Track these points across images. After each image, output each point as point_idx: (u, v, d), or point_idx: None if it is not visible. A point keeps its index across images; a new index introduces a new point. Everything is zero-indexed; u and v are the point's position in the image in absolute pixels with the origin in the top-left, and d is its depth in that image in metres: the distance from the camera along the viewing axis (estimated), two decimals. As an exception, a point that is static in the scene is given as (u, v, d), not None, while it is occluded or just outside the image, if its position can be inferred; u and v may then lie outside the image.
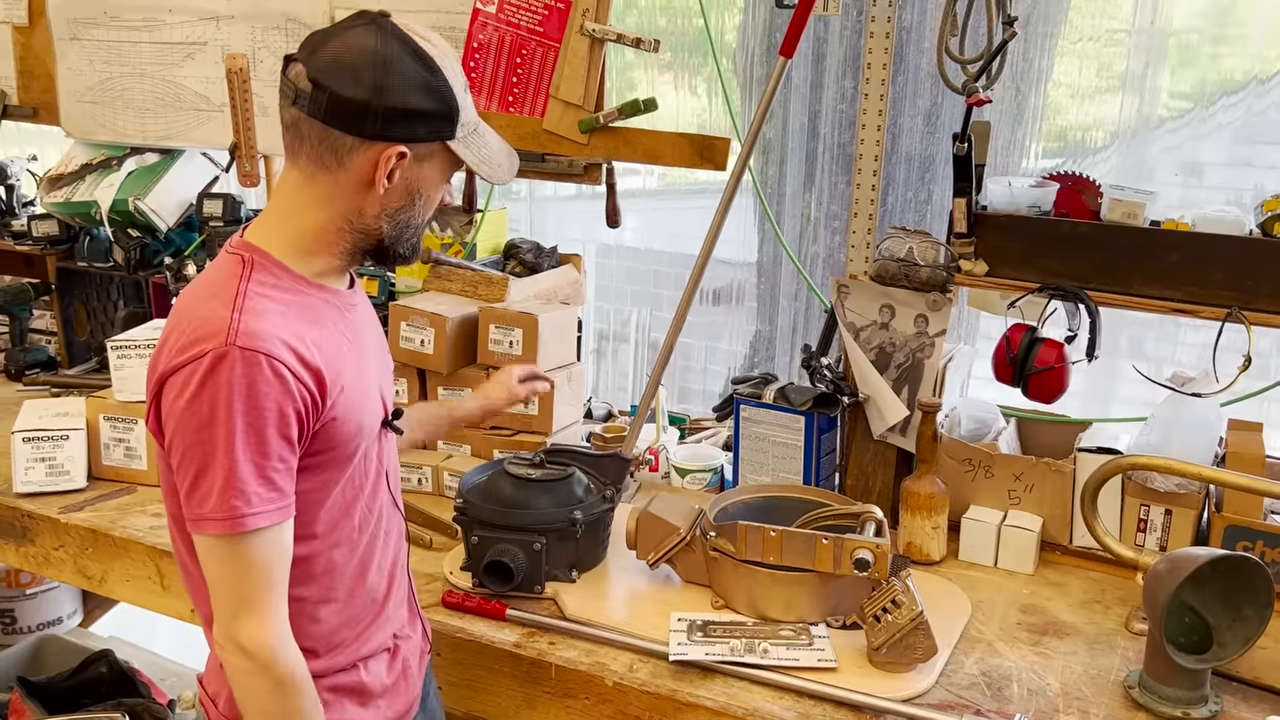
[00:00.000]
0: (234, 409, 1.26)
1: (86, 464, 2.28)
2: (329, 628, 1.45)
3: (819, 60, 2.61)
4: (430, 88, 1.33)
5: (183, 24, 2.70)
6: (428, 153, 1.38)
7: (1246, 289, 1.88)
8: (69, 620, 3.38)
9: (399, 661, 1.55)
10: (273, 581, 1.32)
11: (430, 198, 1.42)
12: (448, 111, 1.36)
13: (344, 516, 1.44)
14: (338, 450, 1.38)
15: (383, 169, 1.34)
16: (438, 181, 1.42)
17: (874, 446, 2.19)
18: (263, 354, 1.27)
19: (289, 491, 1.32)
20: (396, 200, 1.39)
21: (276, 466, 1.29)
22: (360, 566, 1.47)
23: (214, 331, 1.28)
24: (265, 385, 1.27)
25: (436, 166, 1.40)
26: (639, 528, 1.88)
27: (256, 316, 1.29)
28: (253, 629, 1.31)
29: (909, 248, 2.09)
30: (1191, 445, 1.94)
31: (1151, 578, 1.60)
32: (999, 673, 1.69)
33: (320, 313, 1.39)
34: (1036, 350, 1.99)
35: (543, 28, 2.30)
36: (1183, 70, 2.35)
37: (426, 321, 2.26)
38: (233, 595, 1.31)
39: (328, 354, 1.35)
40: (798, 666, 1.66)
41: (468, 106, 1.39)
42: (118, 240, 2.81)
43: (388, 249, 1.42)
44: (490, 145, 1.44)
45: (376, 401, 1.47)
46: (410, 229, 1.42)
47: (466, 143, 1.40)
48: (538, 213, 3.27)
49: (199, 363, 1.27)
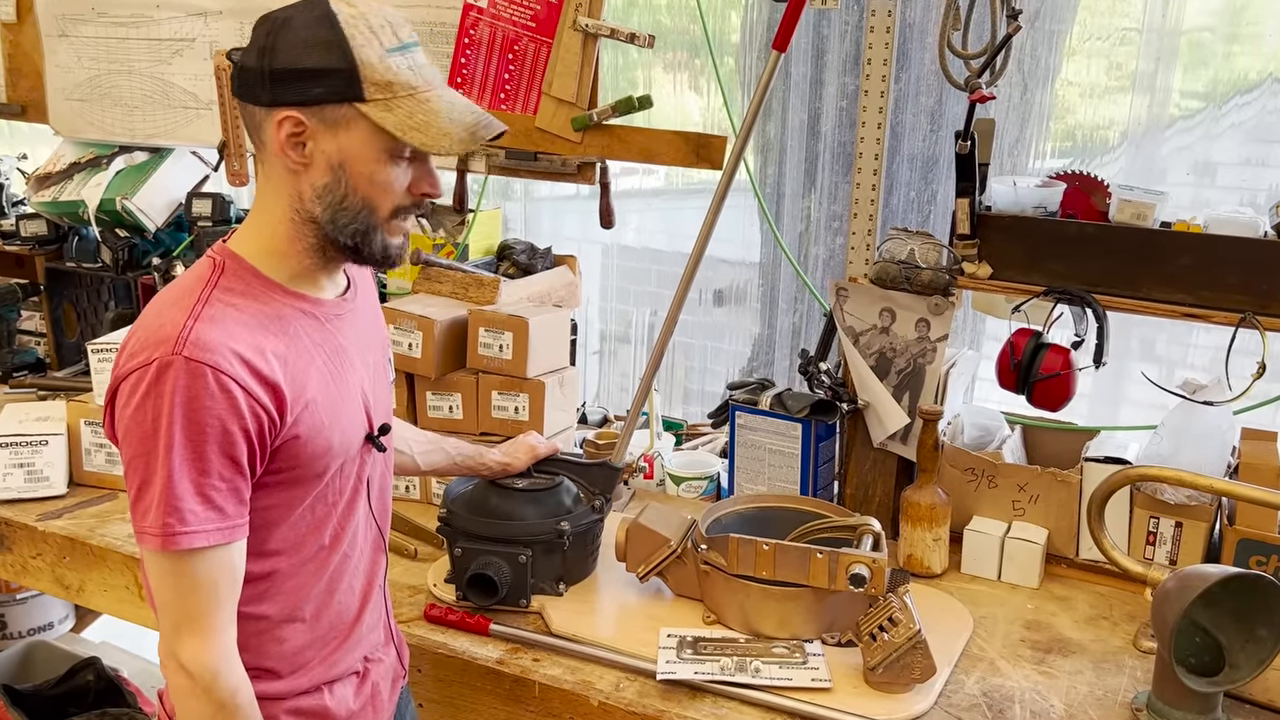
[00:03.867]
0: (174, 422, 1.20)
1: (67, 469, 2.24)
2: (293, 648, 1.39)
3: (819, 56, 2.54)
4: (325, 43, 1.24)
5: (170, 20, 2.65)
6: (339, 118, 1.26)
7: (1261, 293, 1.81)
8: (60, 626, 3.33)
9: (368, 685, 1.49)
10: (219, 602, 1.26)
11: (363, 174, 1.28)
12: (347, 69, 1.24)
13: (311, 534, 1.37)
14: (303, 468, 1.32)
15: (279, 137, 1.26)
16: (366, 155, 1.28)
17: (873, 455, 2.13)
18: (208, 366, 1.20)
19: (233, 512, 1.25)
20: (321, 177, 1.28)
21: (217, 485, 1.23)
22: (329, 586, 1.41)
23: (164, 339, 1.22)
24: (208, 400, 1.20)
25: (358, 136, 1.27)
26: (629, 539, 1.83)
27: (211, 325, 1.23)
28: (195, 649, 1.25)
29: (910, 250, 2.03)
30: (1203, 455, 1.87)
31: (1160, 596, 1.54)
32: (1001, 693, 1.63)
33: (291, 323, 1.32)
34: (1042, 356, 1.92)
35: (535, 23, 2.24)
36: (1195, 69, 2.29)
37: (414, 324, 2.20)
38: (175, 613, 1.25)
39: (292, 368, 1.28)
40: (790, 686, 1.59)
41: (391, 68, 1.26)
42: (105, 240, 2.77)
43: (334, 240, 1.32)
44: (432, 109, 1.27)
45: (357, 417, 1.39)
46: (348, 213, 1.30)
47: (387, 105, 1.26)
48: (536, 212, 3.22)
49: (146, 370, 1.21)
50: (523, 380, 2.18)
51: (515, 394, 2.19)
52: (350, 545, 1.43)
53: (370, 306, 1.51)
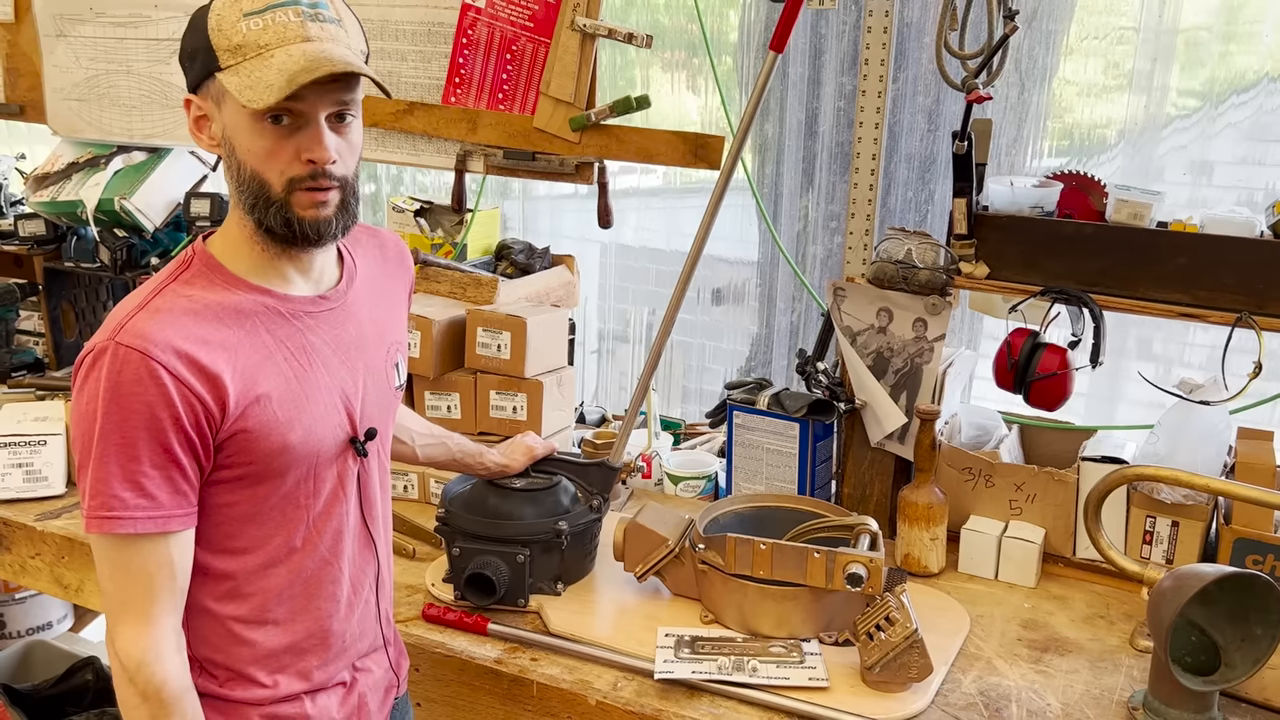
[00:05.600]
0: (105, 407, 1.21)
1: (65, 469, 2.24)
2: (266, 651, 1.38)
3: (817, 56, 2.54)
4: (194, 22, 1.25)
5: (169, 20, 2.65)
6: (217, 94, 1.25)
7: (1257, 292, 1.81)
8: (59, 625, 3.33)
9: (354, 696, 1.47)
10: (154, 592, 1.26)
11: (243, 145, 1.25)
12: (207, 42, 1.23)
13: (278, 535, 1.35)
14: (260, 465, 1.30)
15: (190, 123, 1.29)
16: (239, 124, 1.24)
17: (871, 455, 2.13)
18: (138, 352, 1.20)
19: (167, 501, 1.24)
20: (226, 156, 1.28)
21: (147, 473, 1.22)
22: (305, 590, 1.39)
23: (109, 327, 1.24)
24: (136, 386, 1.20)
25: (231, 107, 1.24)
26: (626, 539, 1.83)
27: (153, 315, 1.24)
28: (126, 637, 1.26)
29: (907, 249, 2.03)
30: (1199, 454, 1.88)
31: (1156, 595, 1.54)
32: (998, 692, 1.63)
33: (250, 318, 1.30)
34: (1039, 356, 1.93)
35: (533, 23, 2.24)
36: (1192, 68, 2.29)
37: (412, 324, 2.20)
38: (113, 599, 1.26)
39: (242, 362, 1.27)
40: (788, 685, 1.60)
41: (241, 30, 1.22)
42: (104, 240, 2.77)
43: (256, 221, 1.28)
44: (271, 64, 1.21)
45: (328, 418, 1.36)
46: (246, 189, 1.27)
47: (236, 70, 1.22)
48: (535, 211, 3.22)
49: (88, 357, 1.24)
50: (521, 380, 2.19)
51: (513, 394, 2.19)
52: (330, 550, 1.40)
53: (371, 308, 1.45)
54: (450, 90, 2.35)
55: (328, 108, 1.26)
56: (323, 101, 1.25)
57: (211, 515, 1.31)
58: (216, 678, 1.36)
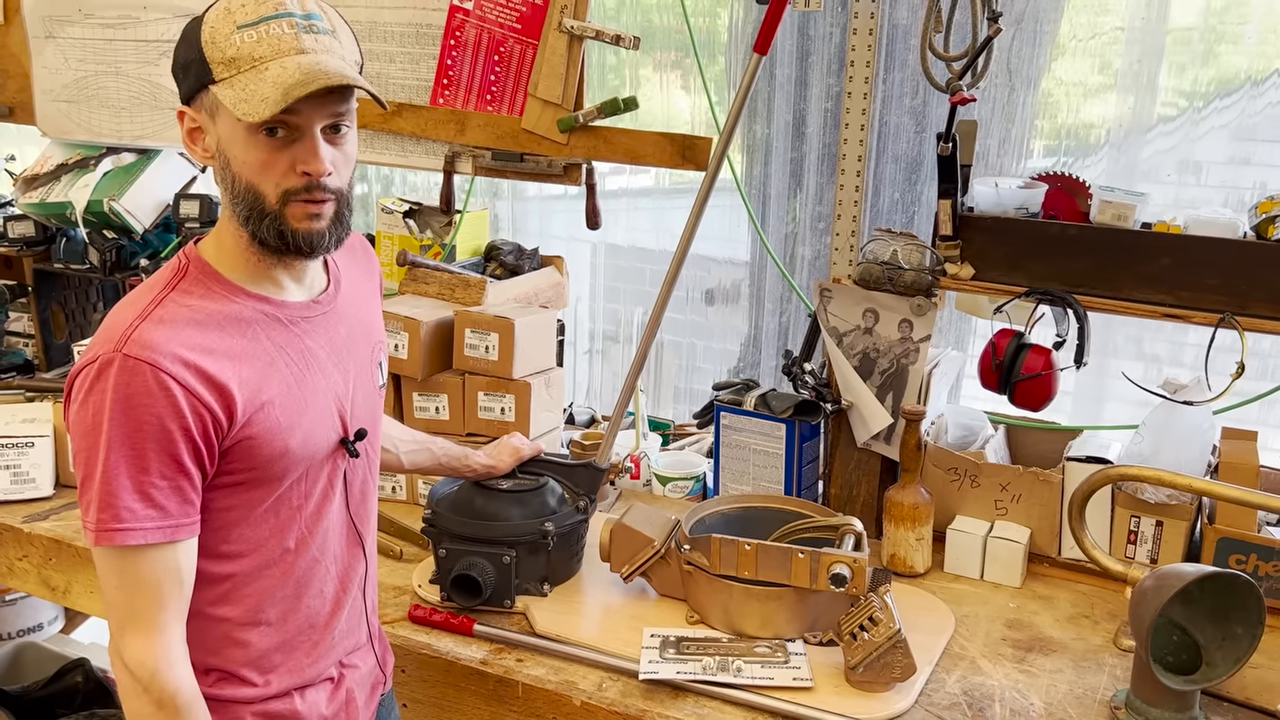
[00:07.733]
0: (113, 420, 1.20)
1: (54, 471, 2.24)
2: (258, 652, 1.39)
3: (804, 58, 2.55)
4: (187, 34, 1.26)
5: (158, 21, 2.65)
6: (211, 105, 1.25)
7: (1240, 293, 1.82)
8: (50, 627, 3.32)
9: (342, 692, 1.48)
10: (162, 601, 1.26)
11: (238, 157, 1.26)
12: (200, 55, 1.24)
13: (273, 537, 1.36)
14: (260, 470, 1.31)
15: (183, 135, 1.30)
16: (234, 137, 1.25)
17: (857, 455, 2.14)
18: (147, 364, 1.20)
19: (176, 510, 1.25)
20: (219, 168, 1.29)
21: (157, 484, 1.23)
22: (296, 590, 1.40)
23: (111, 337, 1.23)
24: (146, 398, 1.20)
25: (225, 119, 1.24)
26: (612, 540, 1.83)
27: (158, 325, 1.24)
28: (136, 647, 1.26)
29: (893, 251, 2.03)
30: (1183, 454, 1.89)
31: (1138, 595, 1.55)
32: (981, 692, 1.64)
33: (251, 325, 1.31)
34: (1023, 357, 1.93)
35: (520, 25, 2.25)
36: (1181, 68, 2.30)
37: (400, 325, 2.20)
38: (120, 610, 1.26)
39: (246, 370, 1.28)
40: (772, 686, 1.60)
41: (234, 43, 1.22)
42: (93, 242, 2.77)
43: (251, 233, 1.29)
44: (265, 77, 1.21)
45: (325, 421, 1.38)
46: (241, 201, 1.27)
47: (230, 83, 1.23)
48: (524, 212, 3.22)
49: (91, 368, 1.23)
50: (509, 381, 2.19)
51: (501, 395, 2.20)
52: (320, 550, 1.42)
53: (356, 309, 1.47)
54: (438, 92, 2.35)
55: (323, 120, 1.26)
56: (318, 114, 1.25)
57: (209, 520, 1.31)
58: (209, 679, 1.37)
